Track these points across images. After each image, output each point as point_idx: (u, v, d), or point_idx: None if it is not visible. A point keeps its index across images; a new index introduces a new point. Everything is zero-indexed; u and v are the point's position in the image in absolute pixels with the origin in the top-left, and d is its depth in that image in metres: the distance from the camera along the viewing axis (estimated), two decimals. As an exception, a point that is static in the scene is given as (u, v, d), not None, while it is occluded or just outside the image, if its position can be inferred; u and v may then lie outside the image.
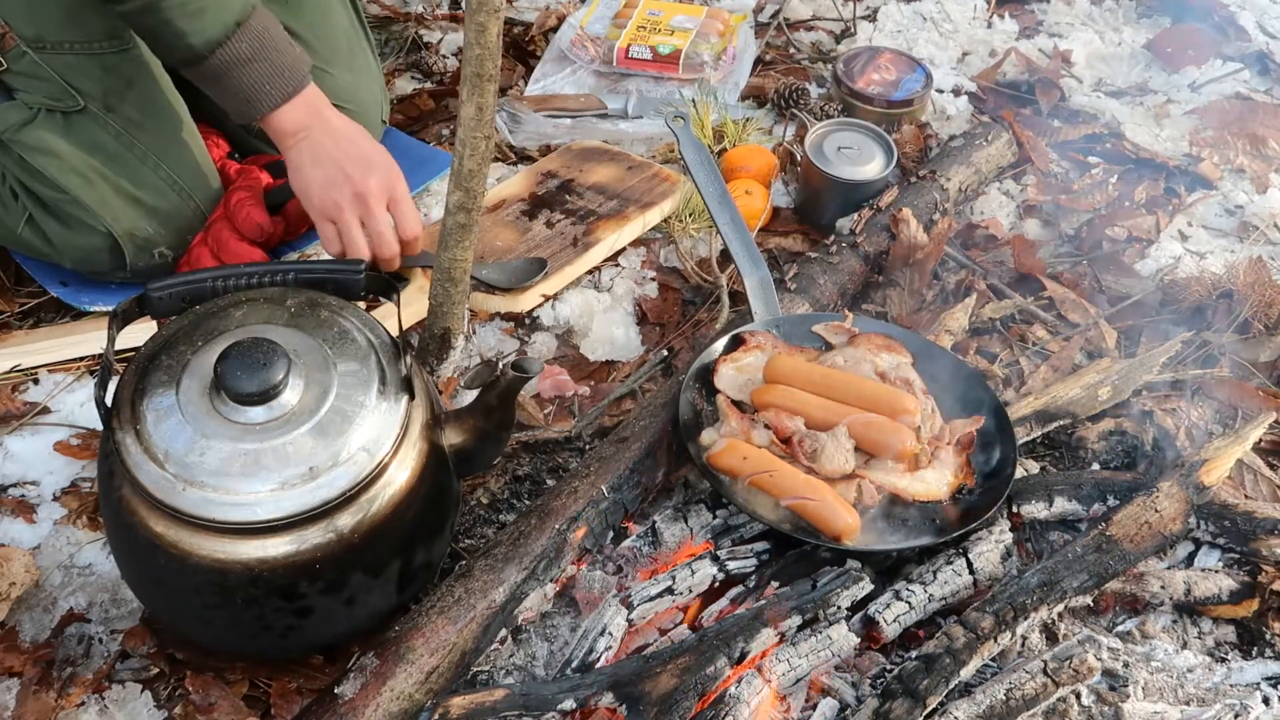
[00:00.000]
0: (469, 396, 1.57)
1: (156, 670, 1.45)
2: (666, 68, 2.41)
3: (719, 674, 1.33)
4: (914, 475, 1.54)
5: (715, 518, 1.56)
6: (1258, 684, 1.44)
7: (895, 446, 1.54)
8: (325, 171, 1.73)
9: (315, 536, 1.29)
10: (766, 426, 1.57)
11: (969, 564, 1.47)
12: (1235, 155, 2.31)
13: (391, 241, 1.76)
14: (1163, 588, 1.51)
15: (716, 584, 1.49)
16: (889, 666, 1.42)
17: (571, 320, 1.94)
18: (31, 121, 1.76)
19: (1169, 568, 1.56)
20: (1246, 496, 1.64)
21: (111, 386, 1.34)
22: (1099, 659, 1.37)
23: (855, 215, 2.00)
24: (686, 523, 1.55)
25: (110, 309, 1.69)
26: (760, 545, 1.52)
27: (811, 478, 1.50)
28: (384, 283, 1.47)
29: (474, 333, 1.90)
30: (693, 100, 2.27)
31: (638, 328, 1.93)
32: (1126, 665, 1.41)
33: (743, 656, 1.35)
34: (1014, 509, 1.56)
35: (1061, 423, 1.70)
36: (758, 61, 2.51)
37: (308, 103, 1.75)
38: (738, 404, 1.62)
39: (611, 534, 1.55)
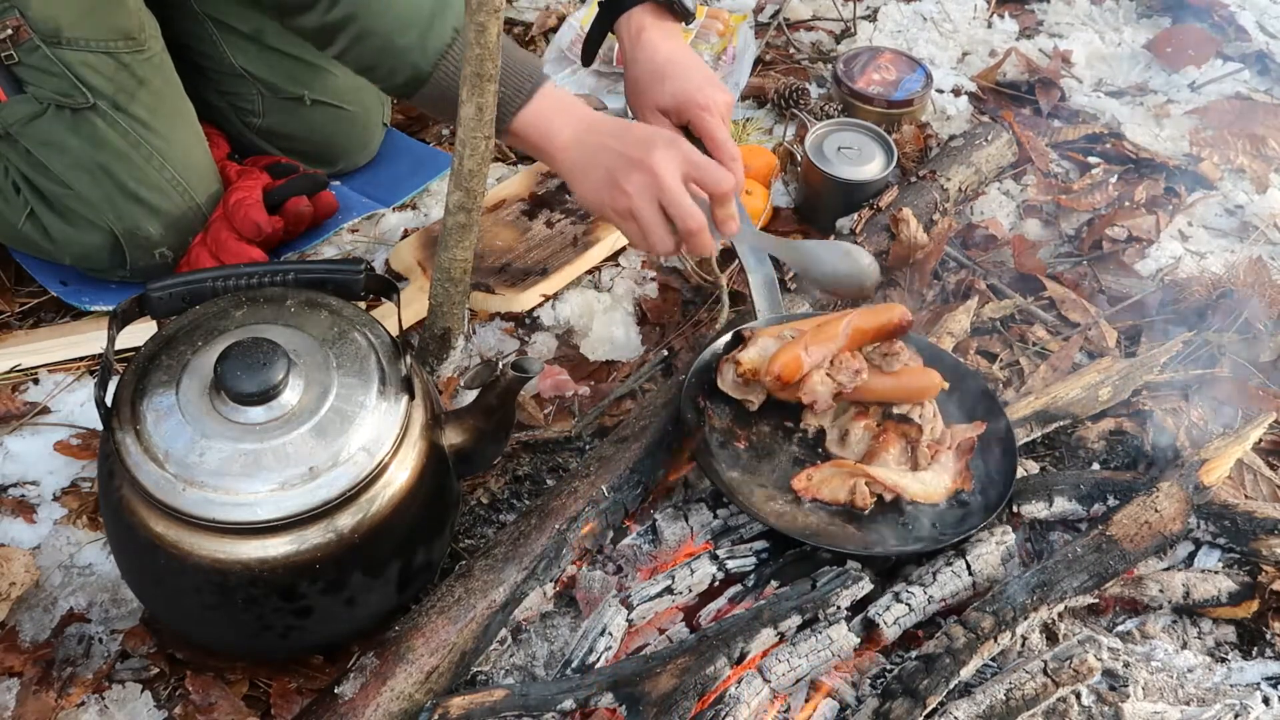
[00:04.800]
0: (469, 396, 1.57)
1: (156, 670, 1.45)
2: (666, 68, 2.40)
3: (719, 674, 1.33)
4: (913, 475, 1.54)
5: (715, 518, 1.56)
6: (1258, 684, 1.44)
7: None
8: (604, 165, 1.56)
9: (315, 536, 1.29)
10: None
11: (968, 566, 1.47)
12: (1235, 155, 2.31)
13: (694, 212, 1.53)
14: (1161, 591, 1.51)
15: (716, 584, 1.49)
16: (889, 666, 1.42)
17: (571, 320, 1.94)
18: (40, 116, 1.76)
19: (1169, 568, 1.56)
20: (1246, 496, 1.64)
21: (111, 386, 1.33)
22: (1099, 659, 1.37)
23: (855, 215, 2.00)
24: (687, 521, 1.55)
25: (110, 309, 1.69)
26: (760, 545, 1.52)
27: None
28: (384, 283, 1.47)
29: (474, 333, 1.90)
30: (693, 100, 2.27)
31: (638, 328, 1.93)
32: (1126, 665, 1.41)
33: (742, 656, 1.35)
34: (1014, 509, 1.56)
35: (1061, 423, 1.70)
36: (758, 61, 2.51)
37: (557, 102, 1.60)
38: (738, 403, 1.62)
39: (611, 534, 1.55)
